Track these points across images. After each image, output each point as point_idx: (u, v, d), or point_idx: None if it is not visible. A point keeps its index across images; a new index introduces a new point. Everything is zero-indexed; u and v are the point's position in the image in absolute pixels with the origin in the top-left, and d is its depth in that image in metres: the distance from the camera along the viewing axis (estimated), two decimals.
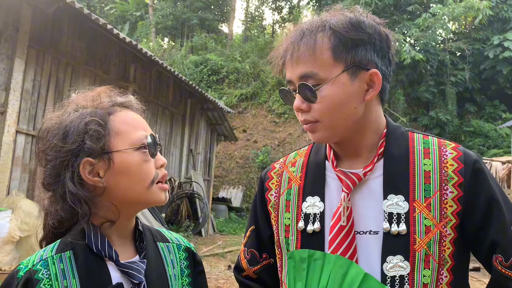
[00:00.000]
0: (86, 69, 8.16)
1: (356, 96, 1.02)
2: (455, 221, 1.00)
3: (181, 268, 1.11)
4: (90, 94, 1.04)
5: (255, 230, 1.28)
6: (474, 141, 17.91)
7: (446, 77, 18.84)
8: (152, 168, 0.99)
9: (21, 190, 6.69)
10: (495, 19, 18.42)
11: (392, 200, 1.02)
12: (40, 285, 0.91)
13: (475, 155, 1.06)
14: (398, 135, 1.11)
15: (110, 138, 0.96)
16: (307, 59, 1.01)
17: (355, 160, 1.11)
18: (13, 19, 6.47)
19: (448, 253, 0.99)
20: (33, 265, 0.94)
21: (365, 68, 1.02)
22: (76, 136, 0.94)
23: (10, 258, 5.60)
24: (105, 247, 0.95)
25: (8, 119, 6.36)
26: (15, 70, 6.43)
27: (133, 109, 1.06)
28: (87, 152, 0.94)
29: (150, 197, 0.99)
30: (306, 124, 1.06)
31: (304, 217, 1.10)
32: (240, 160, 19.51)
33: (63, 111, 1.01)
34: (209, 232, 11.90)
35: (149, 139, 1.00)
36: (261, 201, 1.25)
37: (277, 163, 1.28)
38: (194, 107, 12.64)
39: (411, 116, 19.05)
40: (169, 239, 1.15)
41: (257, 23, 30.01)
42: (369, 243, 1.02)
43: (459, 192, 1.01)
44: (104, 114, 0.98)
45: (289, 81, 1.06)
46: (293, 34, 1.06)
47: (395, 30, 17.70)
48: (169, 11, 26.45)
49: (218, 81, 22.32)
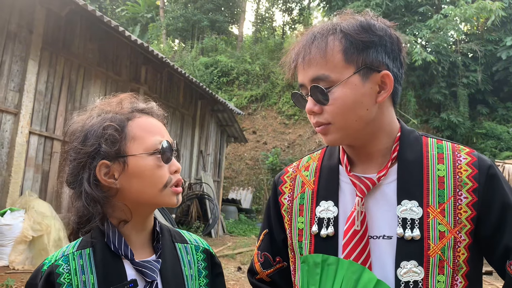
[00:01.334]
0: (98, 70, 8.24)
1: (368, 97, 1.03)
2: (469, 226, 0.99)
3: (199, 269, 1.14)
4: (113, 100, 1.09)
5: (268, 234, 1.28)
6: (486, 143, 17.71)
7: (457, 79, 18.66)
8: (165, 173, 1.02)
9: (34, 191, 6.78)
10: (508, 20, 18.22)
11: (406, 206, 1.02)
12: (60, 279, 0.97)
13: (490, 161, 1.05)
14: (412, 140, 1.10)
15: (126, 142, 1.01)
16: (318, 61, 1.01)
17: (368, 165, 1.11)
18: (26, 21, 6.57)
19: (462, 259, 0.99)
20: (55, 260, 1.01)
21: (377, 70, 1.02)
22: (94, 140, 1.00)
23: (23, 258, 5.67)
24: (122, 246, 1.00)
25: (21, 120, 6.44)
26: (29, 71, 6.52)
27: (154, 115, 1.09)
28: (103, 155, 1.00)
29: (162, 200, 1.03)
30: (319, 126, 1.06)
31: (318, 222, 1.11)
32: (249, 161, 19.52)
33: (88, 115, 1.07)
34: (219, 233, 11.92)
35: (164, 145, 1.03)
36: (275, 205, 1.26)
37: (290, 167, 1.29)
38: (204, 108, 12.69)
39: (422, 118, 18.90)
40: (188, 240, 1.18)
41: (267, 24, 30.01)
42: (383, 247, 1.02)
43: (473, 198, 1.00)
44: (123, 120, 1.03)
45: (301, 84, 1.07)
46: (304, 38, 1.07)
47: (406, 32, 17.60)
48: (179, 13, 26.58)
49: (228, 83, 22.36)
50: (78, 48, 7.74)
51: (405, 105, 18.29)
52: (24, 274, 5.34)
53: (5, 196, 6.29)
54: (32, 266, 5.69)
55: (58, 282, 0.97)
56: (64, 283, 0.97)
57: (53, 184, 7.27)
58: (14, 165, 6.36)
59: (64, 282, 0.97)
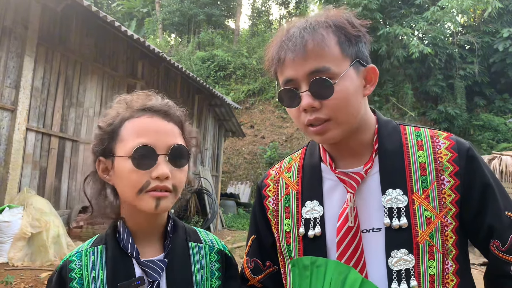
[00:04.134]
0: (94, 66, 8.20)
1: (359, 91, 1.04)
2: (455, 210, 1.01)
3: (211, 269, 1.12)
4: (127, 98, 1.10)
5: (256, 239, 1.27)
6: (484, 135, 17.76)
7: (454, 71, 18.67)
8: (141, 178, 0.98)
9: (32, 187, 6.77)
10: (504, 12, 18.21)
11: (391, 195, 1.02)
12: (72, 274, 1.02)
13: (468, 143, 1.07)
14: (390, 129, 1.11)
15: (116, 142, 1.03)
16: (319, 53, 0.99)
17: (352, 159, 1.10)
18: (22, 17, 6.52)
19: (451, 243, 1.00)
20: (69, 256, 1.07)
21: (364, 64, 1.04)
22: (94, 139, 1.07)
23: (22, 254, 5.67)
24: (129, 244, 1.03)
25: (18, 117, 6.42)
26: (25, 68, 6.49)
27: (160, 115, 1.05)
28: (99, 153, 1.05)
29: (139, 204, 1.00)
30: (317, 124, 1.02)
31: (305, 222, 1.10)
32: (247, 155, 19.53)
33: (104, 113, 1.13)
34: (218, 227, 11.95)
35: (138, 150, 0.98)
36: (260, 209, 1.25)
37: (272, 170, 1.28)
38: (202, 103, 12.66)
39: (420, 111, 18.91)
40: (202, 240, 1.17)
41: (263, 18, 29.91)
42: (374, 240, 1.02)
43: (456, 181, 1.02)
44: (122, 120, 1.04)
45: (290, 79, 1.02)
46: (293, 30, 1.02)
47: (403, 24, 17.57)
48: (175, 7, 26.46)
49: (225, 77, 22.31)
50: (74, 44, 7.70)
51: (402, 97, 18.30)
52: (24, 271, 5.34)
53: (3, 193, 6.29)
54: (31, 262, 5.69)
55: (69, 277, 1.01)
56: (75, 278, 1.01)
57: (51, 181, 7.26)
58: (12, 162, 6.35)
59: (75, 277, 1.01)
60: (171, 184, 1.00)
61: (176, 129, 1.07)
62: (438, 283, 0.97)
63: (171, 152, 1.01)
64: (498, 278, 1.01)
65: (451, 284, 0.98)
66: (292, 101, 1.04)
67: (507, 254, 0.98)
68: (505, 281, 1.00)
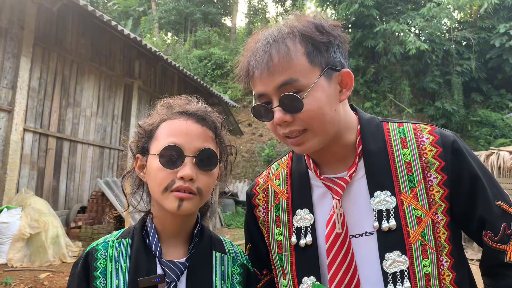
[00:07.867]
0: (91, 66, 8.19)
1: (334, 98, 1.01)
2: (444, 205, 1.00)
3: (232, 282, 1.12)
4: (170, 102, 1.14)
5: (252, 248, 1.25)
6: (481, 131, 17.80)
7: (451, 67, 18.71)
8: (167, 177, 1.00)
9: (30, 188, 6.76)
10: (500, 7, 18.23)
11: (379, 197, 1.02)
12: (96, 263, 1.05)
13: (452, 135, 1.05)
14: (373, 129, 1.09)
15: (152, 141, 1.07)
16: (285, 66, 0.96)
17: (337, 163, 1.09)
18: (18, 17, 6.50)
19: (444, 238, 1.00)
20: (96, 245, 1.10)
21: (337, 70, 1.02)
22: (134, 137, 1.13)
23: (21, 255, 5.67)
24: (153, 242, 1.06)
25: (15, 118, 6.41)
26: (21, 68, 6.47)
27: (195, 118, 1.07)
28: (137, 150, 1.11)
29: (163, 203, 1.02)
30: (293, 136, 1.01)
31: (296, 231, 1.09)
32: (246, 154, 19.53)
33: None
34: (217, 226, 11.95)
35: (166, 148, 1.01)
36: (252, 218, 1.24)
37: (260, 177, 1.27)
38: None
39: (417, 107, 18.94)
40: (227, 251, 1.17)
41: (260, 16, 29.87)
42: (367, 244, 1.02)
43: (443, 177, 1.01)
44: (160, 121, 1.09)
45: (262, 94, 1.01)
46: (259, 45, 1.00)
47: (399, 21, 17.57)
48: (172, 6, 26.41)
49: (223, 75, 22.30)
50: (71, 44, 7.69)
51: (399, 94, 18.33)
52: (23, 272, 5.33)
53: (1, 194, 6.28)
54: (30, 263, 5.69)
55: (94, 266, 1.05)
56: (99, 268, 1.04)
57: (49, 181, 7.25)
58: (10, 163, 6.34)
59: (100, 266, 1.05)
60: (196, 187, 1.01)
61: (209, 134, 1.08)
62: (434, 280, 0.97)
63: (198, 154, 1.02)
64: (493, 267, 1.02)
65: (447, 280, 0.98)
66: (266, 115, 1.03)
67: (500, 244, 0.99)
68: (500, 270, 1.00)
